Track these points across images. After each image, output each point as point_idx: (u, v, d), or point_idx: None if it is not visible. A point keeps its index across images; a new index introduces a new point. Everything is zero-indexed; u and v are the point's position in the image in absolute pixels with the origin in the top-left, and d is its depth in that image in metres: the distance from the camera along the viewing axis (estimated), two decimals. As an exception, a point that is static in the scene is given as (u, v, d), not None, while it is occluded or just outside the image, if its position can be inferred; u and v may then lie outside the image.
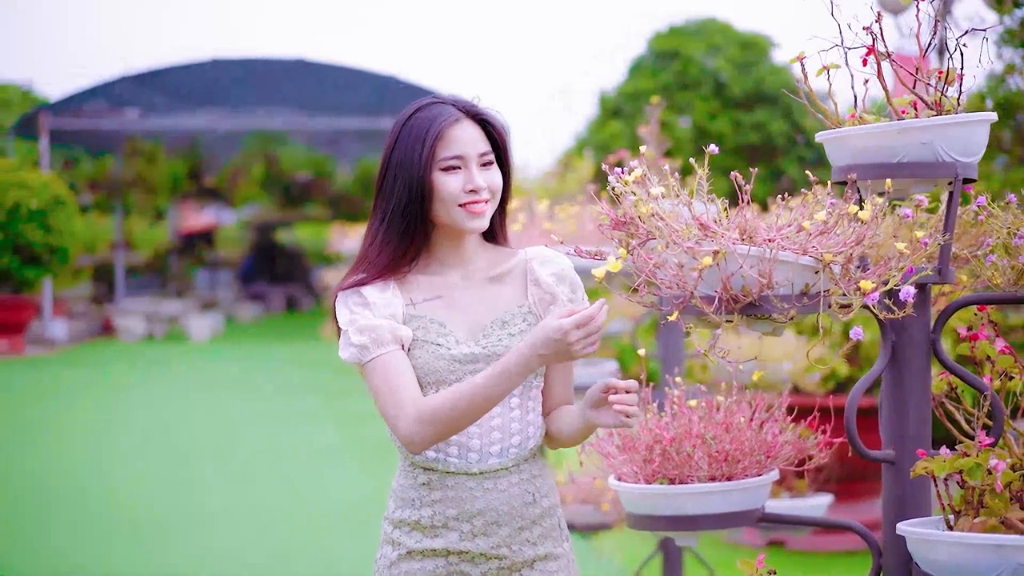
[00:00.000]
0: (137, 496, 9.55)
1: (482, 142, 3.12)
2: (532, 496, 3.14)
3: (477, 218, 3.10)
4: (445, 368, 3.07)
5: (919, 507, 3.14)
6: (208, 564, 7.63)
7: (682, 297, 2.86)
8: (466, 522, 3.09)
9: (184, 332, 24.06)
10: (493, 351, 3.08)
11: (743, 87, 20.36)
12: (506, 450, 3.12)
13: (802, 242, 2.83)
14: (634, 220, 2.93)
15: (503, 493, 3.10)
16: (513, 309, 3.14)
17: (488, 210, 3.12)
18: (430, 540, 3.11)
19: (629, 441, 3.44)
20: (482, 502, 3.09)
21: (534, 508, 3.15)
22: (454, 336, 3.10)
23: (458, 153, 3.09)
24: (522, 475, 3.13)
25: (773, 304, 2.82)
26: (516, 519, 3.11)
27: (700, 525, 3.34)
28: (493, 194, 3.13)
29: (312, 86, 25.05)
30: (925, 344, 3.17)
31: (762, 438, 3.41)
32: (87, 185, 27.31)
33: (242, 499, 9.54)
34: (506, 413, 3.11)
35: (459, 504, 3.09)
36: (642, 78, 20.85)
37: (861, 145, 3.07)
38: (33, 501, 9.28)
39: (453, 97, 3.18)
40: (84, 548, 7.87)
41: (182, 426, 13.13)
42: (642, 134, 6.13)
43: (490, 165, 3.13)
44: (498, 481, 3.10)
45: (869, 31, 3.06)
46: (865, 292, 2.80)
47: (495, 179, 3.13)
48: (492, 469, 3.10)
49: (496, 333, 3.11)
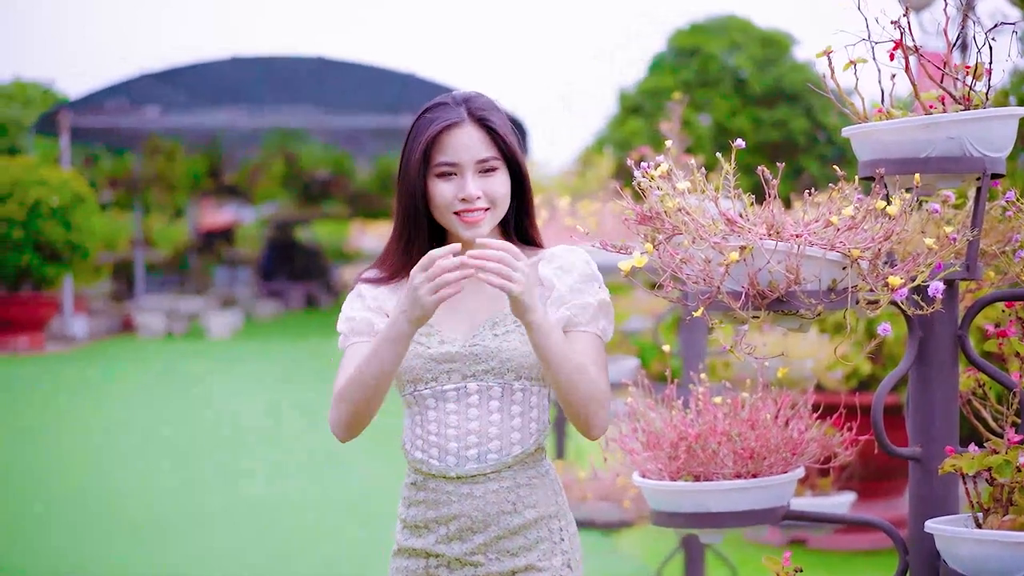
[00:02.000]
0: (141, 495, 9.56)
1: (483, 147, 3.02)
2: (512, 505, 3.02)
3: (471, 227, 3.02)
4: (421, 366, 3.02)
5: (946, 505, 3.11)
6: (214, 563, 7.63)
7: (708, 293, 2.84)
8: (443, 525, 3.03)
9: (203, 329, 24.09)
10: (471, 351, 3.01)
11: (764, 84, 20.31)
12: (484, 455, 3.01)
13: (830, 238, 2.81)
14: (660, 215, 2.91)
15: (479, 500, 3.00)
16: (506, 310, 3.04)
17: (486, 219, 3.03)
18: (415, 539, 3.07)
19: (654, 438, 3.42)
20: (457, 507, 3.01)
21: (514, 518, 3.02)
22: (439, 336, 3.03)
23: (451, 160, 3.01)
24: (503, 483, 3.01)
25: (800, 300, 2.80)
26: (493, 527, 3.01)
27: (725, 522, 3.33)
28: (492, 202, 3.03)
29: (331, 84, 25.07)
30: (952, 341, 3.15)
31: (787, 435, 3.39)
32: (107, 182, 27.37)
33: (247, 498, 9.54)
34: (484, 417, 3.02)
35: (437, 507, 3.03)
36: (662, 75, 20.80)
37: (888, 140, 3.04)
38: (34, 500, 9.29)
39: (465, 96, 3.09)
40: (84, 548, 7.87)
41: (195, 424, 13.14)
42: (664, 131, 6.11)
43: (491, 172, 3.03)
44: (475, 487, 3.00)
45: (897, 25, 3.04)
46: (893, 288, 2.78)
47: (494, 187, 3.02)
48: (470, 474, 3.00)
49: (484, 333, 3.03)
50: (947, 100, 3.08)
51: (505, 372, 3.01)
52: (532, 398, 3.05)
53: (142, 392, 15.46)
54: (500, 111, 3.09)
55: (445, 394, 3.02)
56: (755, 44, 20.80)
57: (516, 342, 3.00)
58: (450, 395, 3.02)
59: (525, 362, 3.00)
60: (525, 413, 3.05)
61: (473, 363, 3.01)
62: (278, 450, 11.60)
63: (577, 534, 3.16)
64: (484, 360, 3.01)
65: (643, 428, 3.45)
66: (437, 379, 3.02)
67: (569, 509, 3.17)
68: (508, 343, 3.01)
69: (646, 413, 3.52)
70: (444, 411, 3.02)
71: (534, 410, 3.06)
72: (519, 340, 3.00)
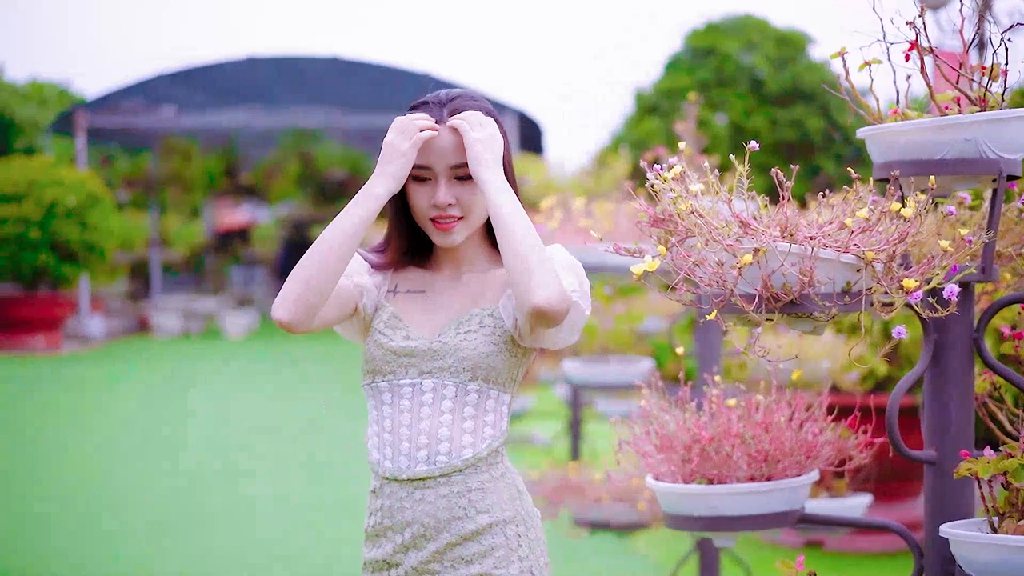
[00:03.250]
0: (144, 495, 9.55)
1: (459, 152, 2.91)
2: (464, 510, 2.90)
3: (444, 235, 2.95)
4: (380, 357, 2.95)
5: (961, 508, 3.10)
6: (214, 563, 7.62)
7: (721, 295, 2.82)
8: (398, 533, 2.93)
9: (220, 329, 24.11)
10: (430, 347, 2.92)
11: (780, 84, 20.27)
12: (433, 457, 2.89)
13: (844, 240, 2.79)
14: (673, 217, 2.89)
15: (431, 505, 2.89)
16: (476, 310, 2.95)
17: (460, 227, 2.95)
18: (376, 550, 2.98)
19: (667, 440, 3.41)
20: (410, 513, 2.91)
21: (467, 523, 2.90)
22: (406, 331, 2.96)
23: (424, 163, 2.93)
24: (453, 487, 2.90)
25: (814, 303, 2.78)
26: (445, 534, 2.89)
27: (739, 526, 3.31)
28: (466, 210, 2.94)
29: (347, 84, 25.09)
30: (968, 343, 3.13)
31: (802, 438, 3.38)
32: (123, 182, 27.45)
33: (248, 498, 9.53)
34: (435, 416, 2.91)
35: (392, 514, 2.93)
36: (678, 75, 20.77)
37: (903, 141, 3.03)
38: (37, 500, 9.30)
39: (450, 95, 3.00)
40: (84, 548, 7.86)
41: (203, 424, 13.15)
42: (679, 131, 6.09)
43: (467, 179, 2.93)
44: (426, 492, 2.89)
45: (912, 26, 3.02)
46: (908, 291, 2.76)
47: (468, 195, 2.93)
48: (419, 477, 2.89)
49: (448, 332, 2.94)
50: (963, 101, 3.06)
51: (461, 371, 2.90)
52: (488, 402, 2.94)
53: (154, 392, 15.47)
54: (485, 118, 2.96)
55: (401, 389, 2.94)
56: (771, 43, 20.75)
57: (476, 341, 2.91)
58: (405, 391, 2.93)
59: (483, 363, 2.91)
60: (479, 416, 2.93)
61: (430, 359, 2.92)
62: (283, 451, 11.59)
63: (542, 540, 3.02)
64: (441, 357, 2.92)
65: (656, 431, 3.44)
66: (394, 372, 2.95)
67: (535, 514, 3.04)
68: (467, 341, 2.92)
69: (659, 415, 3.51)
70: (399, 408, 2.93)
71: (489, 414, 2.94)
72: (480, 340, 2.91)
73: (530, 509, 3.01)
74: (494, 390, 2.94)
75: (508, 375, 2.95)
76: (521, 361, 2.98)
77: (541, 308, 2.74)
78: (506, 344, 2.93)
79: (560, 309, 2.76)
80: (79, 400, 14.65)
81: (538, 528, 3.01)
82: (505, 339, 2.93)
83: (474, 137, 2.88)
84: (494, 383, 2.93)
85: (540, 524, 3.03)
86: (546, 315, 2.75)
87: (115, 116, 25.04)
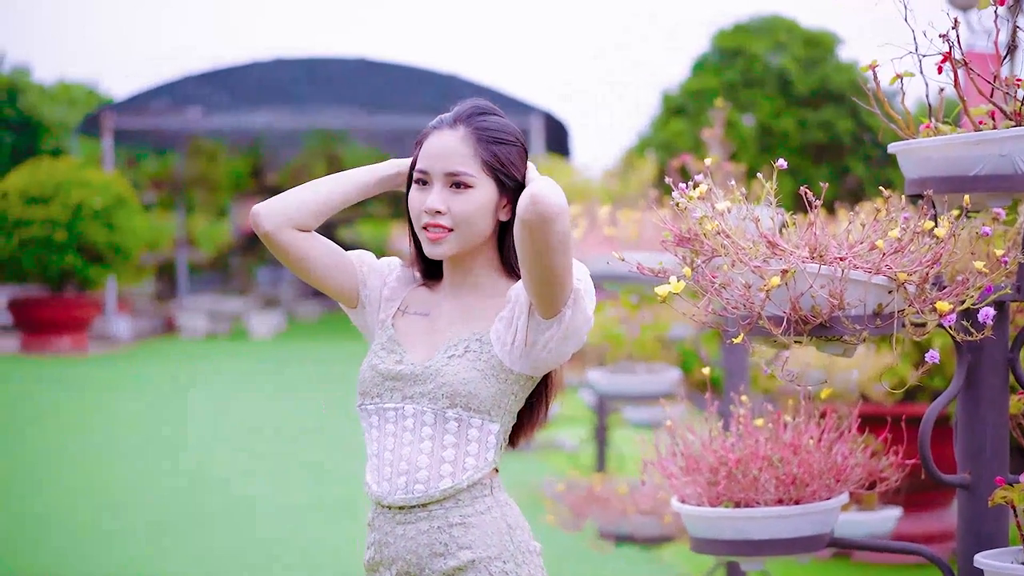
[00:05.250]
0: (148, 495, 9.53)
1: (458, 159, 2.78)
2: (444, 546, 2.76)
3: (433, 245, 2.81)
4: (370, 379, 2.87)
5: (996, 535, 3.01)
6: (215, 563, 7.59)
7: (748, 317, 2.74)
8: (387, 569, 2.83)
9: (246, 330, 24.12)
10: (413, 371, 2.82)
11: (808, 85, 20.13)
12: (411, 486, 2.78)
13: (875, 261, 2.71)
14: (698, 236, 2.81)
15: (411, 541, 2.78)
16: (466, 335, 2.82)
17: (449, 239, 2.80)
18: None
19: (693, 462, 3.33)
20: (394, 549, 2.79)
21: (448, 560, 2.76)
22: (400, 354, 2.87)
23: (423, 166, 2.82)
24: (434, 522, 2.77)
25: (844, 325, 2.70)
26: (426, 571, 2.78)
27: (767, 550, 3.24)
28: (457, 223, 2.78)
29: (373, 85, 25.05)
30: (1003, 364, 3.05)
31: (832, 460, 3.30)
32: (150, 183, 27.47)
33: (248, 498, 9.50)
34: (416, 443, 2.79)
35: (381, 549, 2.83)
36: (706, 76, 20.65)
37: (937, 157, 2.94)
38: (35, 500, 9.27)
39: (477, 106, 2.87)
40: (84, 548, 7.84)
41: (215, 424, 13.13)
42: (707, 138, 6.01)
43: (462, 188, 2.79)
44: (408, 527, 2.78)
45: (945, 38, 2.93)
46: (942, 314, 2.68)
47: (461, 206, 2.78)
48: (398, 506, 2.79)
49: (437, 357, 2.83)
50: (997, 115, 2.97)
51: (439, 397, 2.78)
52: (470, 431, 2.79)
53: (179, 393, 15.45)
54: (503, 128, 2.84)
55: (385, 413, 2.84)
56: (799, 44, 20.61)
57: (458, 367, 2.78)
58: (389, 415, 2.83)
59: (462, 390, 2.77)
60: (460, 446, 2.78)
61: (413, 384, 2.82)
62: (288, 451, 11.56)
63: None
64: (422, 382, 2.80)
65: (682, 452, 3.36)
66: (381, 396, 2.85)
67: (531, 550, 2.85)
68: (449, 367, 2.79)
69: (685, 435, 3.43)
70: (384, 431, 2.84)
71: (472, 444, 2.79)
72: (462, 366, 2.78)
73: (524, 545, 2.83)
74: (476, 418, 2.79)
75: (493, 403, 2.79)
76: (511, 388, 2.81)
77: (535, 195, 2.56)
78: (492, 370, 2.78)
79: (554, 203, 2.55)
80: (102, 402, 14.63)
81: (533, 565, 2.84)
82: (491, 365, 2.79)
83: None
84: (476, 411, 2.78)
85: (538, 560, 2.86)
86: (537, 204, 2.55)
87: (142, 117, 25.06)
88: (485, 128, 2.82)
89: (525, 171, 2.85)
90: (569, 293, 2.68)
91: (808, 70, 20.38)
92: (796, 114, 20.08)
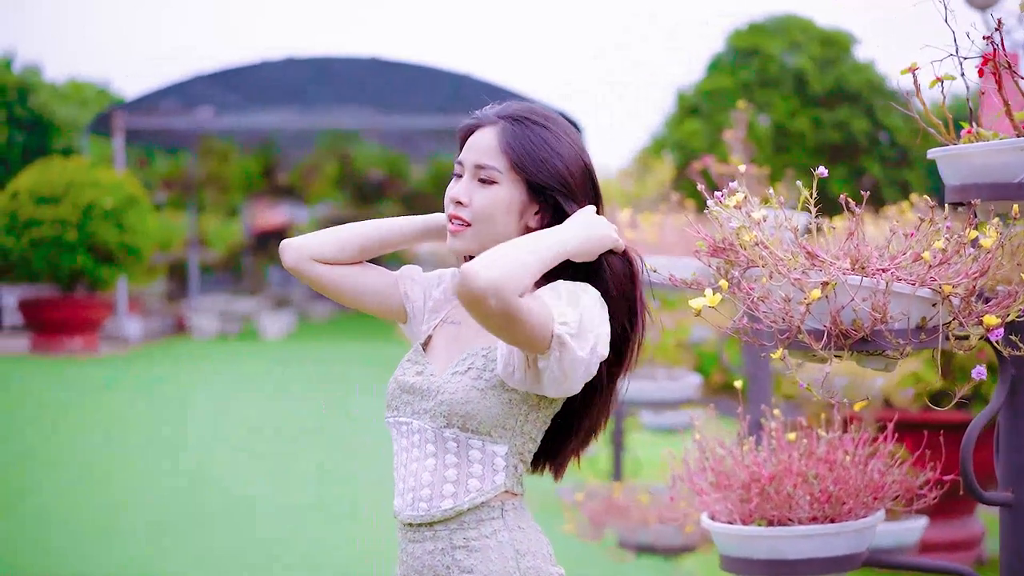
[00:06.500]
0: (150, 495, 9.49)
1: (487, 153, 2.69)
2: (447, 569, 2.67)
3: (452, 238, 2.72)
4: (392, 391, 2.79)
5: (1042, 556, 2.90)
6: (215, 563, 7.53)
7: (787, 331, 2.63)
8: None
9: (257, 330, 24.04)
10: (422, 385, 2.72)
11: (824, 85, 20.02)
12: (417, 504, 2.69)
13: (919, 273, 2.59)
14: (734, 247, 2.70)
15: (418, 560, 2.70)
16: (476, 348, 2.71)
17: (467, 234, 2.71)
18: None
19: (724, 478, 3.22)
20: (407, 566, 2.72)
21: None
22: (422, 366, 2.77)
23: (459, 158, 2.75)
24: (438, 543, 2.68)
25: (887, 340, 2.59)
26: None
27: (802, 570, 3.13)
28: (477, 217, 2.69)
29: (386, 84, 24.96)
30: (1048, 379, 2.93)
31: (868, 476, 3.18)
32: (161, 183, 27.42)
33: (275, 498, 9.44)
34: (421, 460, 2.70)
35: (401, 564, 2.75)
36: (721, 75, 20.55)
37: (979, 163, 2.83)
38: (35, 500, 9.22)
39: (524, 106, 2.76)
40: (84, 548, 7.79)
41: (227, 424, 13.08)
42: (728, 140, 5.89)
43: (487, 184, 2.70)
44: (415, 546, 2.70)
45: (990, 41, 2.82)
46: (989, 328, 2.56)
47: (482, 200, 2.68)
48: (407, 522, 2.71)
49: (447, 371, 2.72)
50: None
51: (438, 415, 2.68)
52: (471, 452, 2.67)
53: (187, 395, 15.37)
54: (539, 126, 2.70)
55: (400, 427, 2.76)
56: (815, 44, 20.50)
57: (458, 384, 2.67)
58: (403, 428, 2.75)
59: (460, 410, 2.65)
60: (462, 467, 2.67)
61: (420, 399, 2.73)
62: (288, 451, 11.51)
63: None
64: (428, 398, 2.71)
65: (712, 467, 3.25)
66: (398, 408, 2.77)
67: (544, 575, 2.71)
68: (450, 383, 2.69)
69: (715, 449, 3.33)
70: (400, 445, 2.76)
71: (475, 466, 2.67)
72: (462, 383, 2.66)
73: (534, 571, 2.69)
74: (476, 439, 2.67)
75: (495, 423, 2.65)
76: (517, 408, 2.67)
77: (462, 271, 2.41)
78: (493, 389, 2.65)
79: (478, 286, 2.40)
80: (110, 403, 14.56)
81: None
82: (493, 384, 2.65)
83: None
84: (474, 432, 2.66)
85: None
86: (462, 284, 2.41)
87: (153, 117, 25.00)
88: (523, 130, 2.70)
89: (576, 193, 2.70)
90: (545, 344, 2.52)
91: (824, 70, 20.26)
92: (812, 114, 19.96)
